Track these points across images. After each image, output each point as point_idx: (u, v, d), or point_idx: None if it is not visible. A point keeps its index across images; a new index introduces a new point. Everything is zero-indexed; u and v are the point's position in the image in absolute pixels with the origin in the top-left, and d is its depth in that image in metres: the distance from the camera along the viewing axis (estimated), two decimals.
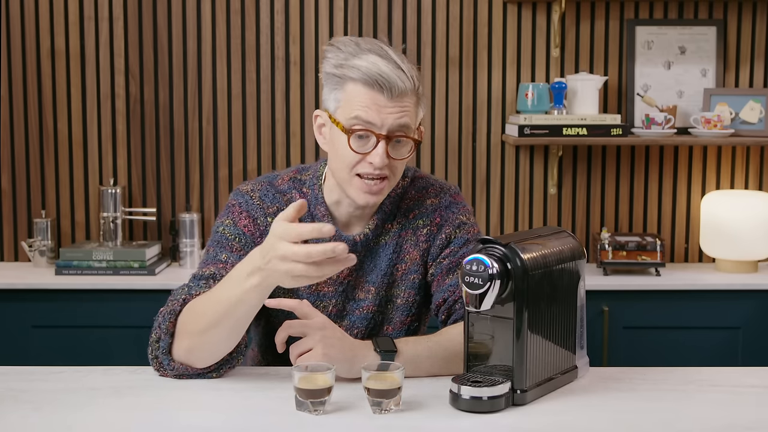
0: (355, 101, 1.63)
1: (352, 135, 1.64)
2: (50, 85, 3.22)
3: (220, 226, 1.74)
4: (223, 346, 1.58)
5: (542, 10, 3.22)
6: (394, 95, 1.62)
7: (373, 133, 1.63)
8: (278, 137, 3.24)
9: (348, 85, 1.64)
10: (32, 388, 1.57)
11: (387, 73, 1.61)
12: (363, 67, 1.62)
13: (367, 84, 1.62)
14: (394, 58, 1.64)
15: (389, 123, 1.63)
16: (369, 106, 1.62)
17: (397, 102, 1.63)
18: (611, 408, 1.51)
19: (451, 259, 1.77)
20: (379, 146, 1.64)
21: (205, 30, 3.21)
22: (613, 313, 2.98)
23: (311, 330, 1.59)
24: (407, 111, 1.65)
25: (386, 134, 1.64)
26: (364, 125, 1.63)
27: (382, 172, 1.65)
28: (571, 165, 3.28)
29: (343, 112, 1.65)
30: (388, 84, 1.61)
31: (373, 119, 1.63)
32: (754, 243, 3.08)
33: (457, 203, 1.82)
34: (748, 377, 1.68)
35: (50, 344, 2.96)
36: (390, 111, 1.63)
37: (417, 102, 1.68)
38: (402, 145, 1.67)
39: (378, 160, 1.63)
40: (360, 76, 1.62)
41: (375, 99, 1.62)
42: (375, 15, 3.21)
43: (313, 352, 1.57)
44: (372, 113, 1.62)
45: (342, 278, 1.77)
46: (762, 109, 3.15)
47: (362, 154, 1.65)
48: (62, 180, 3.25)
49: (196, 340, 1.57)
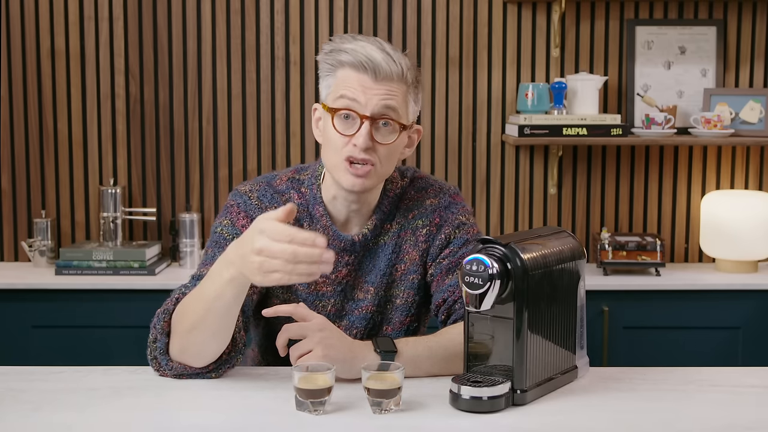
0: (343, 84, 1.66)
1: (336, 114, 1.66)
2: (50, 85, 3.22)
3: (218, 226, 1.75)
4: (211, 345, 1.57)
5: (542, 10, 3.22)
6: (379, 77, 1.64)
7: (357, 114, 1.65)
8: (278, 137, 3.24)
9: (338, 71, 1.67)
10: (32, 388, 1.57)
11: (374, 56, 1.64)
12: (351, 50, 1.65)
13: (354, 66, 1.65)
14: (384, 47, 1.67)
15: (373, 104, 1.65)
16: (354, 86, 1.65)
17: (383, 84, 1.65)
18: (611, 408, 1.51)
19: (450, 259, 1.77)
20: (363, 127, 1.65)
21: (205, 30, 3.21)
22: (613, 313, 2.98)
23: (310, 332, 1.58)
24: (394, 95, 1.66)
25: (370, 115, 1.65)
26: (348, 104, 1.65)
27: (366, 154, 1.65)
28: (571, 165, 3.28)
29: (332, 96, 1.68)
30: (373, 65, 1.64)
31: (357, 97, 1.65)
32: (754, 243, 3.08)
33: (456, 203, 1.82)
34: (748, 377, 1.68)
35: (50, 344, 2.96)
36: (375, 92, 1.65)
37: (407, 91, 1.69)
38: (388, 129, 1.67)
39: (361, 141, 1.64)
40: (348, 59, 1.65)
41: (361, 80, 1.65)
42: (375, 15, 3.21)
43: (313, 353, 1.56)
44: (357, 93, 1.65)
45: (341, 278, 1.77)
46: (762, 109, 3.15)
47: (346, 136, 1.66)
48: (62, 180, 3.25)
49: (184, 339, 1.57)
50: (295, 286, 1.76)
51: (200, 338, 1.56)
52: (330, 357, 1.56)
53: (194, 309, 1.55)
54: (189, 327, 1.55)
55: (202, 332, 1.55)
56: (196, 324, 1.54)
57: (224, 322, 1.55)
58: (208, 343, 1.57)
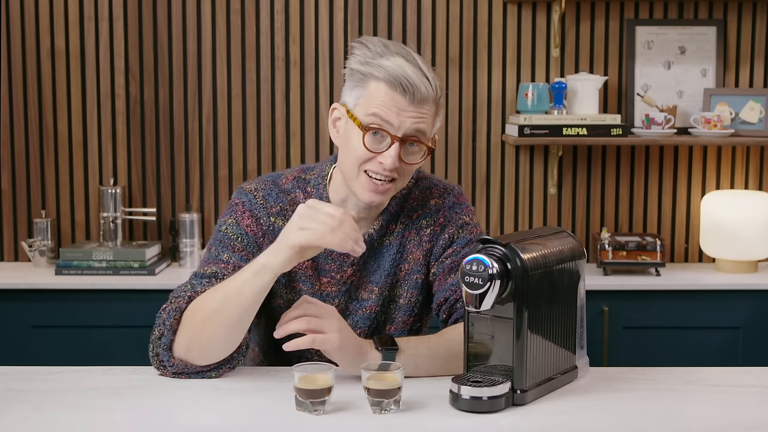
0: (376, 100, 1.64)
1: (368, 132, 1.64)
2: (50, 85, 3.22)
3: (222, 225, 1.75)
4: (222, 341, 1.58)
5: (542, 10, 3.22)
6: (416, 100, 1.63)
7: (389, 134, 1.64)
8: (278, 137, 3.24)
9: (371, 83, 1.64)
10: (32, 388, 1.57)
11: (411, 77, 1.62)
12: (389, 67, 1.63)
13: (391, 84, 1.62)
14: (420, 65, 1.65)
15: (406, 126, 1.64)
16: (389, 106, 1.63)
17: (417, 107, 1.64)
18: (611, 408, 1.51)
19: (453, 258, 1.77)
20: (393, 148, 1.64)
21: (205, 30, 3.21)
22: (613, 313, 2.98)
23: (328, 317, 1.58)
24: (425, 118, 1.65)
25: (401, 137, 1.64)
26: (380, 123, 1.63)
27: (391, 173, 1.65)
28: (571, 165, 3.28)
29: (362, 109, 1.65)
30: (411, 88, 1.62)
31: (391, 119, 1.63)
32: (754, 243, 3.08)
33: (460, 204, 1.83)
34: (748, 377, 1.68)
35: (50, 344, 2.96)
36: (409, 115, 1.63)
37: (436, 112, 1.69)
38: (415, 150, 1.67)
39: (389, 162, 1.64)
40: (385, 75, 1.63)
41: (396, 100, 1.63)
42: (375, 15, 3.21)
43: (329, 338, 1.56)
44: (391, 113, 1.63)
45: (345, 278, 1.77)
46: (762, 109, 3.15)
47: (374, 153, 1.65)
48: (62, 180, 3.25)
49: (196, 333, 1.57)
50: (299, 286, 1.76)
51: (212, 333, 1.56)
52: (344, 347, 1.56)
53: (211, 301, 1.57)
54: (202, 320, 1.56)
55: (216, 326, 1.55)
56: (211, 317, 1.55)
57: (241, 318, 1.56)
58: (220, 338, 1.58)
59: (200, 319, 1.57)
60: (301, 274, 1.76)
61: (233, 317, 1.56)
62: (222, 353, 1.60)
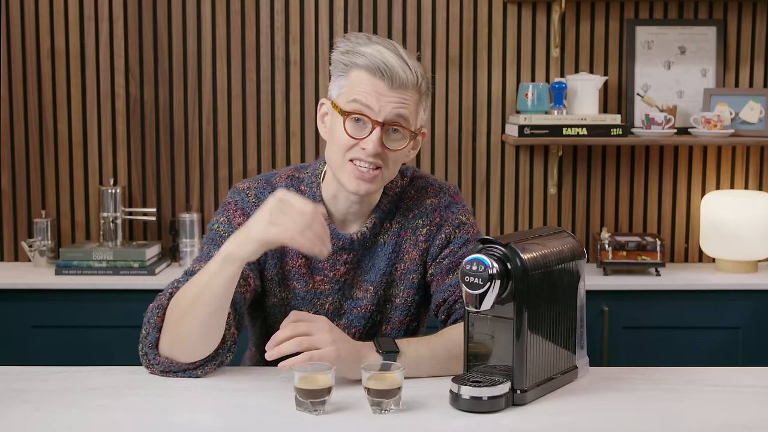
0: (358, 87, 1.65)
1: (348, 117, 1.65)
2: (50, 85, 3.22)
3: (215, 223, 1.75)
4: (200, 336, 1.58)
5: (542, 10, 3.22)
6: (395, 84, 1.64)
7: (369, 119, 1.64)
8: (278, 137, 3.24)
9: (353, 72, 1.66)
10: (32, 388, 1.57)
11: (390, 62, 1.63)
12: (368, 53, 1.64)
13: (370, 71, 1.64)
14: (400, 52, 1.66)
15: (386, 111, 1.64)
16: (368, 91, 1.64)
17: (397, 92, 1.65)
18: (611, 408, 1.51)
19: (450, 259, 1.77)
20: (374, 133, 1.64)
21: (205, 30, 3.21)
22: (613, 313, 2.98)
23: (319, 331, 1.57)
24: (407, 104, 1.66)
25: (382, 121, 1.65)
26: (361, 109, 1.64)
27: (374, 160, 1.65)
28: (571, 165, 3.28)
29: (344, 97, 1.67)
30: (390, 72, 1.63)
31: (371, 104, 1.64)
32: (754, 243, 3.08)
33: (456, 203, 1.83)
34: (748, 377, 1.68)
35: (50, 344, 2.96)
36: (389, 100, 1.64)
37: (419, 100, 1.69)
38: (398, 137, 1.68)
39: (371, 146, 1.64)
40: (364, 62, 1.64)
41: (376, 86, 1.64)
42: (375, 15, 3.21)
43: (326, 352, 1.54)
44: (371, 98, 1.64)
45: (339, 276, 1.77)
46: (762, 109, 3.15)
47: (357, 139, 1.65)
48: (62, 180, 3.25)
49: (175, 329, 1.58)
50: (293, 285, 1.76)
51: (190, 328, 1.56)
52: (342, 357, 1.55)
53: (185, 295, 1.57)
54: (179, 315, 1.57)
55: (192, 320, 1.55)
56: (187, 311, 1.55)
57: (214, 310, 1.56)
58: (197, 334, 1.57)
59: (178, 314, 1.58)
60: (295, 272, 1.76)
61: (207, 310, 1.55)
62: (203, 348, 1.60)
